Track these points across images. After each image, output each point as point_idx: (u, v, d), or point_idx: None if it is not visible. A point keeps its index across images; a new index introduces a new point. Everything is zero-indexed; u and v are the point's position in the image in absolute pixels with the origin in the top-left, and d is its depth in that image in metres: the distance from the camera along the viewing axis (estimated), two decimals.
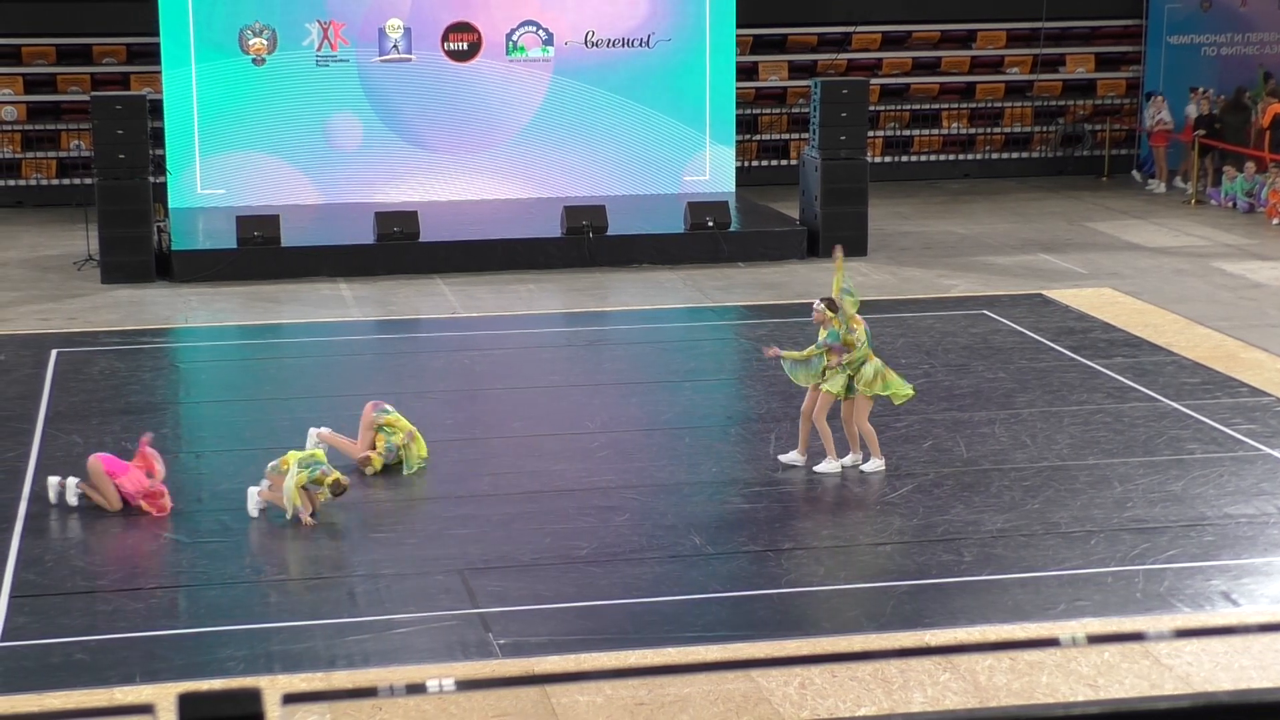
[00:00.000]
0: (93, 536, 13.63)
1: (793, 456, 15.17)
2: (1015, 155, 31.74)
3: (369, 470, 15.01)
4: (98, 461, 14.16)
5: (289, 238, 23.44)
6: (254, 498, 13.98)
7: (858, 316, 14.97)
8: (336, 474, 13.99)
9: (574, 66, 27.35)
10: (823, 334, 14.95)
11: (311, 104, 26.68)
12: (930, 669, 11.20)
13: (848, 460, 15.13)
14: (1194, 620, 12.12)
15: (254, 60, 26.51)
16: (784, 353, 15.27)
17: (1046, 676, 11.15)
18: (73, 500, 14.15)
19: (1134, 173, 31.14)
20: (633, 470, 15.16)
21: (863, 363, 14.89)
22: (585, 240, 23.89)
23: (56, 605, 12.32)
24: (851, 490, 14.70)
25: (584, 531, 13.76)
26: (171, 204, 25.69)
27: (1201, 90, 30.24)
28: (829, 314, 14.87)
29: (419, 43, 26.98)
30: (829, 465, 15.00)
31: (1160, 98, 30.49)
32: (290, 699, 4.39)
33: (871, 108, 27.82)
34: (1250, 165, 28.33)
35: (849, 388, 14.95)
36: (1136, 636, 11.98)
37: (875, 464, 15.05)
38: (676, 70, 27.57)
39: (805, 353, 15.08)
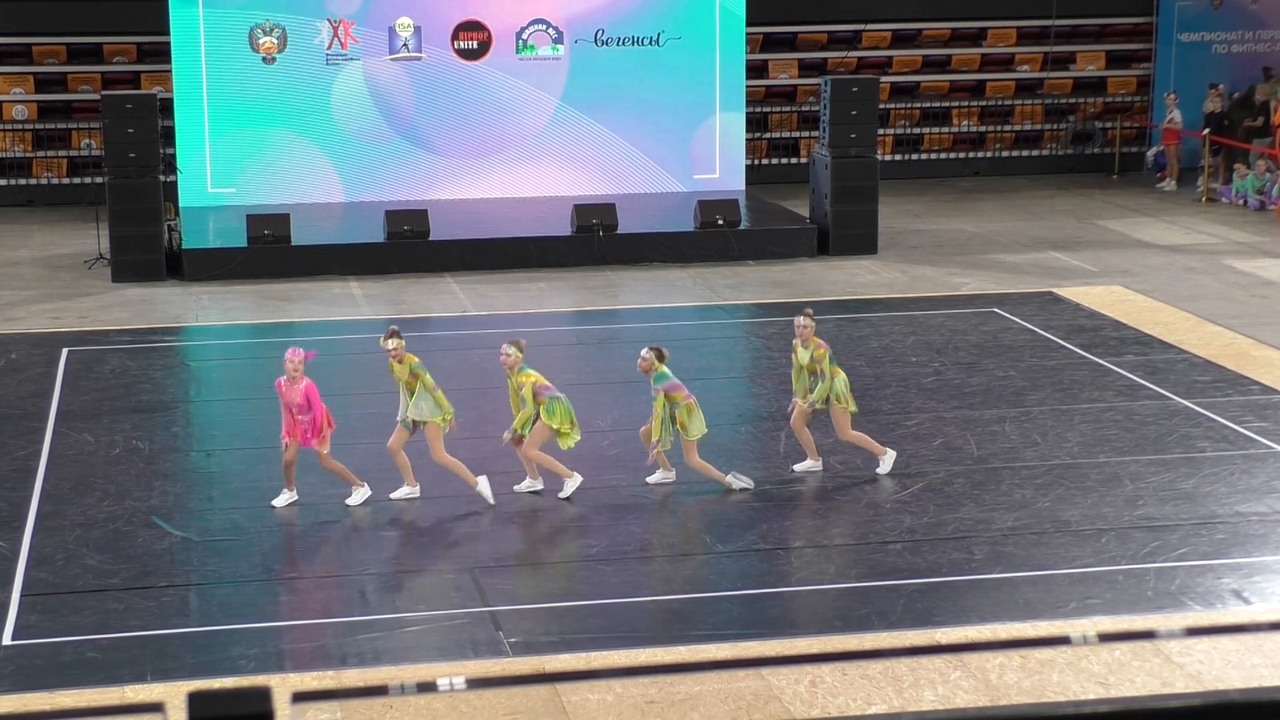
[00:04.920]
0: (103, 535, 13.65)
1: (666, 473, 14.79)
2: (1026, 153, 31.70)
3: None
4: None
5: (299, 236, 23.46)
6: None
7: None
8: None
9: (584, 64, 27.35)
10: (652, 380, 14.43)
11: (321, 103, 26.71)
12: (941, 667, 11.20)
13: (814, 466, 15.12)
14: (1205, 618, 12.10)
15: (264, 59, 26.54)
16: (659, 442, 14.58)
17: (1057, 675, 11.14)
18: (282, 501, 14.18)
19: (1163, 182, 30.18)
20: (644, 468, 15.14)
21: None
22: (595, 238, 23.89)
23: (68, 604, 12.34)
24: (862, 488, 14.69)
25: (595, 530, 13.77)
26: (182, 202, 25.70)
27: (1221, 87, 30.12)
28: (656, 362, 14.38)
29: (429, 41, 27.00)
30: (663, 476, 14.76)
31: (1171, 95, 30.37)
32: (301, 697, 4.39)
33: (881, 105, 27.77)
34: (1261, 163, 28.25)
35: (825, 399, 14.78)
36: (1148, 635, 11.97)
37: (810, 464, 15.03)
38: (686, 68, 27.56)
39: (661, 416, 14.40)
